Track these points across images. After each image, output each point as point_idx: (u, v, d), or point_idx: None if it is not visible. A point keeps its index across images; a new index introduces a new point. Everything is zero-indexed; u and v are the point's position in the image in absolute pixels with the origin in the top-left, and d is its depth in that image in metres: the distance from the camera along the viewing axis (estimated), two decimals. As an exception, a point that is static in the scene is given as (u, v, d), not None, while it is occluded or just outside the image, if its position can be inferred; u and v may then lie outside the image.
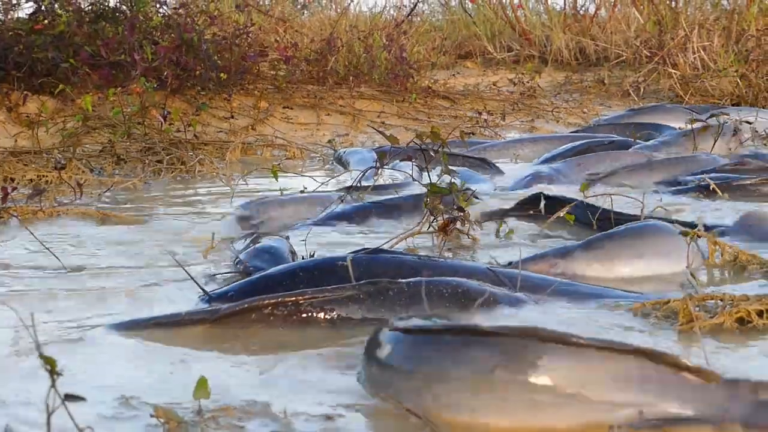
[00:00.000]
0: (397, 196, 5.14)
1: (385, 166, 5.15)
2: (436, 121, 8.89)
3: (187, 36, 8.31)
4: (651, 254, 4.08)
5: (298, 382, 2.84)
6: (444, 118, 9.06)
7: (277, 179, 5.33)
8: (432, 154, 4.67)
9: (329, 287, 3.34)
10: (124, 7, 8.94)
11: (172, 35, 8.50)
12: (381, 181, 5.51)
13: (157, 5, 9.23)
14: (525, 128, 8.89)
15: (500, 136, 8.27)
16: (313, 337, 3.24)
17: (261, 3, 14.47)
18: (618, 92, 11.20)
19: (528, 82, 10.98)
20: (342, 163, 6.76)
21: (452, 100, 9.85)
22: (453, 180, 4.30)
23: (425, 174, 4.57)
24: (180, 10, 9.23)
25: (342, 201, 4.90)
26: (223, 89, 8.63)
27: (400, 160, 5.39)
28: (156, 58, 8.16)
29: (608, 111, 10.17)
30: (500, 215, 4.85)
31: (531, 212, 4.86)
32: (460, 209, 4.13)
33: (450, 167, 4.51)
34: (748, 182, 5.83)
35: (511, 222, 4.83)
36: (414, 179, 5.10)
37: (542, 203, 4.74)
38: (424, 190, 4.28)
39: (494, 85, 11.10)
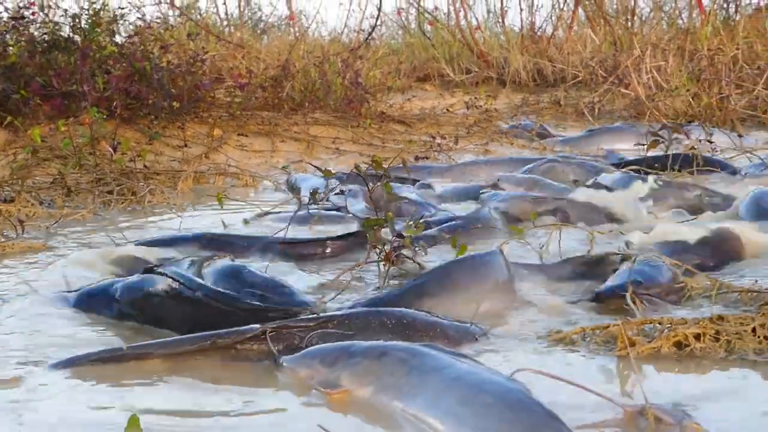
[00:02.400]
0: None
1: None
2: (391, 146, 8.90)
3: (139, 65, 8.28)
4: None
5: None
6: (398, 143, 9.06)
7: (222, 206, 5.33)
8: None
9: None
10: (77, 37, 8.91)
11: (124, 64, 8.47)
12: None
13: (110, 35, 9.22)
14: (479, 151, 8.90)
15: (453, 160, 8.28)
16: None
17: (220, 29, 14.50)
18: (573, 113, 11.26)
19: (482, 105, 10.99)
20: (294, 189, 6.74)
21: (407, 124, 9.86)
22: (390, 209, 4.30)
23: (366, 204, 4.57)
24: (134, 38, 9.22)
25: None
26: (177, 118, 8.59)
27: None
28: (108, 88, 8.13)
29: (563, 132, 10.22)
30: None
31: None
32: (400, 236, 4.13)
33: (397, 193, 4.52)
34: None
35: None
36: (349, 212, 5.09)
37: None
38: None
39: (448, 109, 11.10)
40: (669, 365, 3.28)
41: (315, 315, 3.49)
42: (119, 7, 9.75)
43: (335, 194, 5.26)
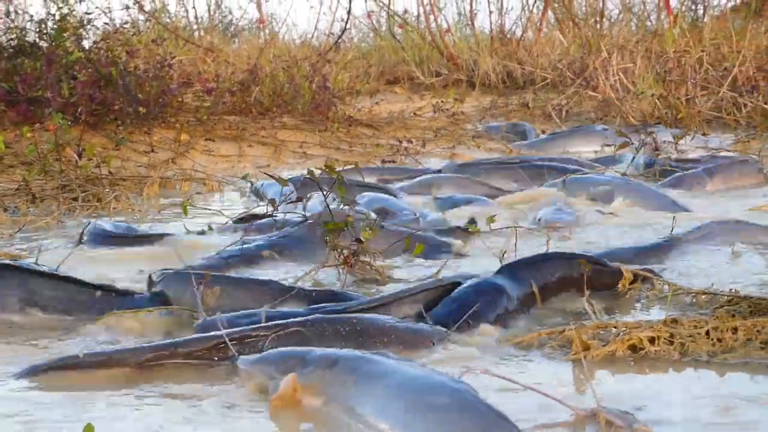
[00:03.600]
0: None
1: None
2: (358, 150, 8.92)
3: (105, 71, 8.27)
4: None
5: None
6: (366, 147, 9.08)
7: (186, 214, 5.33)
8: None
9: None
10: (43, 43, 8.88)
11: (90, 70, 8.45)
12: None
13: (77, 40, 9.19)
14: (446, 155, 8.93)
15: (420, 163, 8.31)
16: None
17: (189, 33, 14.47)
18: (542, 115, 11.30)
19: (449, 109, 11.01)
20: (259, 195, 6.75)
21: (375, 128, 9.87)
22: (349, 213, 4.32)
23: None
24: (100, 43, 9.20)
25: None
26: (143, 123, 8.58)
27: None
28: (74, 94, 8.11)
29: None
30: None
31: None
32: (359, 241, 4.16)
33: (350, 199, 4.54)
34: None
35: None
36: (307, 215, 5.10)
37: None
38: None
39: (415, 113, 11.09)
40: (624, 368, 3.32)
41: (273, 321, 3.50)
42: (86, 13, 9.67)
43: (290, 202, 5.26)
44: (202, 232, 5.36)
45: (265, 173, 5.02)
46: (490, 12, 15.93)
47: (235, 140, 8.89)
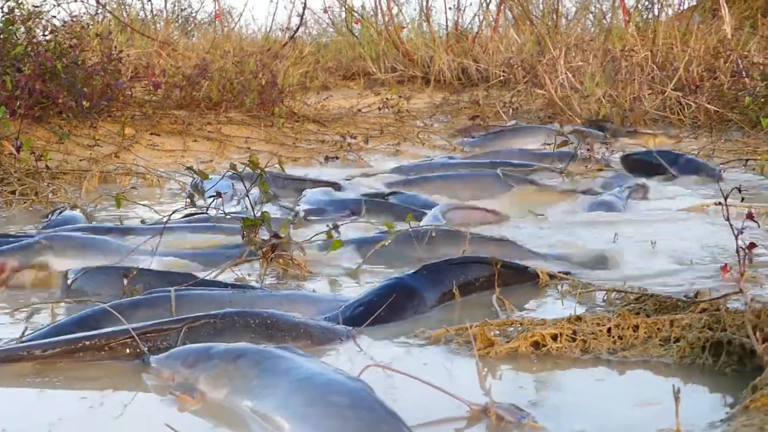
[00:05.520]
0: None
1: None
2: (303, 146, 8.95)
3: (50, 64, 8.25)
4: None
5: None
6: (311, 143, 9.12)
7: (119, 206, 5.37)
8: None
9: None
10: (-13, 35, 8.86)
11: (34, 63, 8.43)
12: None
13: (28, 33, 9.15)
14: (390, 152, 8.98)
15: (363, 160, 8.35)
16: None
17: (143, 25, 14.42)
18: (491, 113, 11.37)
19: (394, 106, 11.05)
20: (198, 190, 6.77)
21: (322, 123, 9.91)
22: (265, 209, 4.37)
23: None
24: (49, 36, 9.17)
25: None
26: (88, 117, 8.57)
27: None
28: (18, 87, 8.09)
29: (478, 132, 10.31)
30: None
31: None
32: (277, 236, 4.21)
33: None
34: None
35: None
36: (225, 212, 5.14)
37: None
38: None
39: (360, 109, 11.09)
40: (526, 365, 3.38)
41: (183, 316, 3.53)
42: (34, 6, 9.64)
43: (210, 197, 5.29)
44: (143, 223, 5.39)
45: (187, 168, 5.01)
46: (449, 8, 16.04)
47: (180, 135, 8.90)
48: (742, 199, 4.36)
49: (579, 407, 3.00)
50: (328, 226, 4.65)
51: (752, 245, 3.41)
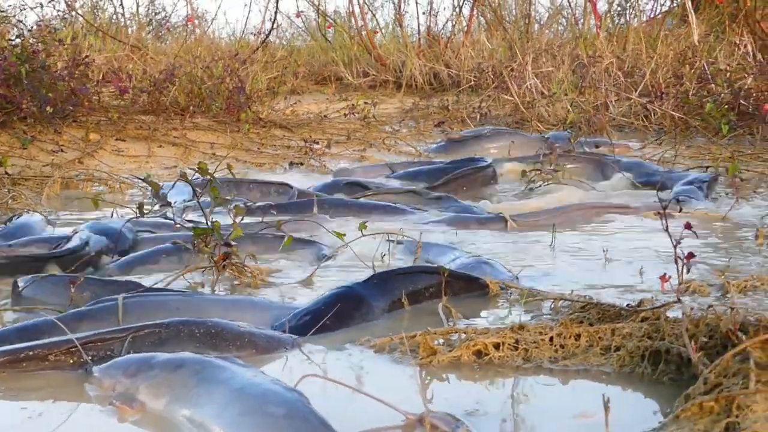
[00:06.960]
0: None
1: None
2: (268, 151, 8.95)
3: (13, 69, 8.24)
4: None
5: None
6: (276, 148, 9.11)
7: (96, 207, 5.40)
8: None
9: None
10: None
11: (-2, 69, 8.43)
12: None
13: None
14: (355, 157, 8.99)
15: (325, 166, 8.36)
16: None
17: (117, 29, 14.38)
18: (460, 118, 11.39)
19: (361, 112, 11.05)
20: (160, 196, 6.77)
21: (289, 129, 9.91)
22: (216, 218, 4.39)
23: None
24: (15, 41, 9.16)
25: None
26: (51, 122, 8.56)
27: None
28: (-20, 92, 8.09)
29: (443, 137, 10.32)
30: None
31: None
32: (227, 244, 4.22)
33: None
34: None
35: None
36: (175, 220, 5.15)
37: None
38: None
39: (325, 115, 11.08)
40: (468, 373, 3.41)
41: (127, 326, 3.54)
42: (0, 10, 9.64)
43: (162, 204, 5.30)
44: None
45: (135, 177, 5.03)
46: (422, 13, 16.07)
47: (146, 140, 8.89)
48: (680, 210, 4.40)
49: (517, 416, 3.03)
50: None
51: (690, 255, 3.44)
